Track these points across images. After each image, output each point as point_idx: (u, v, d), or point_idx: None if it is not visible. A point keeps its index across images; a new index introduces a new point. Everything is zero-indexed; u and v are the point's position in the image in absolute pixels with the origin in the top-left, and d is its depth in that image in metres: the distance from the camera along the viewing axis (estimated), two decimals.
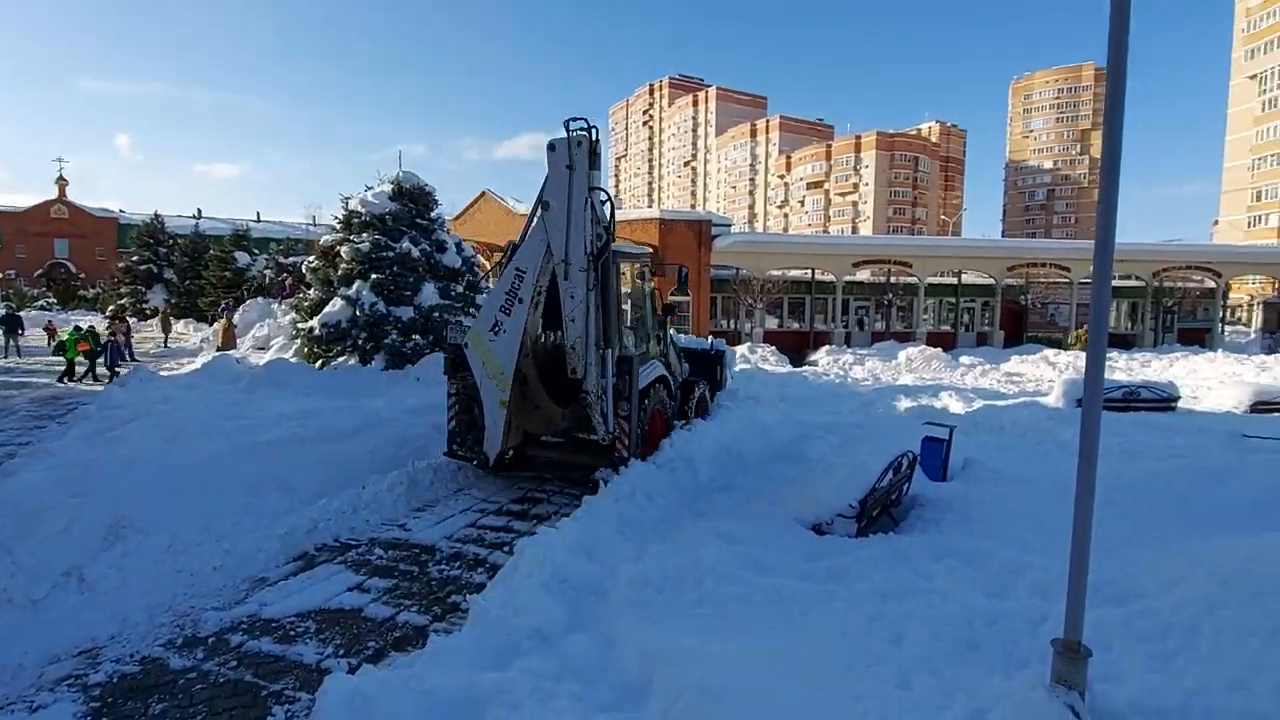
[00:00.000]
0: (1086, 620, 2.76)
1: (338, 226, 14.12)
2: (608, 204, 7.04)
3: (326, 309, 13.05)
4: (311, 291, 14.19)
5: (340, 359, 12.99)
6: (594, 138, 6.69)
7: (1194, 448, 7.70)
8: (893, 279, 31.21)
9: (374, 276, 12.85)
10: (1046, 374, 19.33)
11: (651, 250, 8.44)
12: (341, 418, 8.98)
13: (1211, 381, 15.75)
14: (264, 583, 4.99)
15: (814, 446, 8.08)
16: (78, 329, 15.90)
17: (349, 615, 4.47)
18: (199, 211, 49.10)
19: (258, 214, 49.18)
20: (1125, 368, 20.56)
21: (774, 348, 23.69)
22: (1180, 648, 2.92)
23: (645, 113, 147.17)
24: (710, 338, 11.79)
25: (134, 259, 33.11)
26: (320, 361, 13.10)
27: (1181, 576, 3.43)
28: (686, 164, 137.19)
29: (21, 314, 22.22)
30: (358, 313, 12.66)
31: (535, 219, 7.00)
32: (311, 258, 15.13)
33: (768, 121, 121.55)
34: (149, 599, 4.58)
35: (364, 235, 13.33)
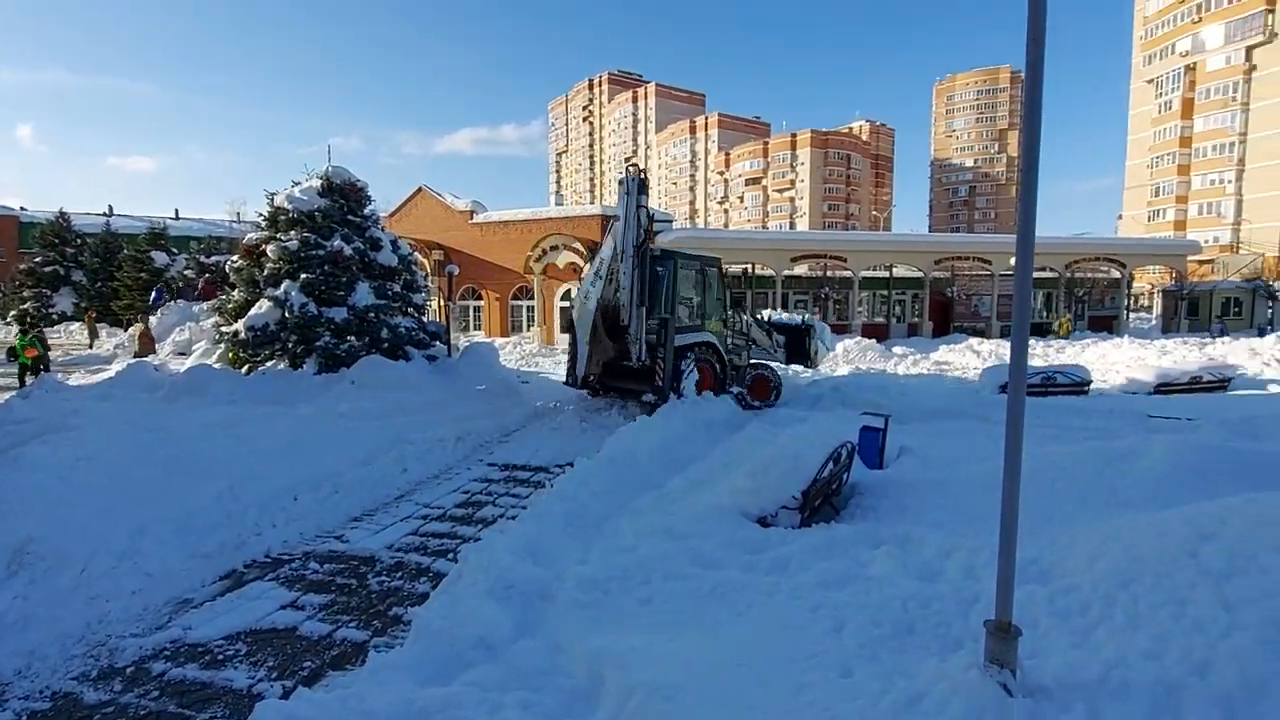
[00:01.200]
0: (1014, 599, 2.90)
1: (263, 224, 13.45)
2: (651, 218, 10.98)
3: (252, 311, 12.42)
4: (235, 292, 13.48)
5: (269, 363, 12.41)
6: (644, 175, 11.00)
7: (1106, 429, 8.23)
8: (829, 273, 32.11)
9: (303, 276, 12.29)
10: (972, 361, 20.27)
11: (719, 257, 13.39)
12: (270, 425, 8.57)
13: (1119, 365, 16.85)
14: (188, 605, 4.71)
15: (757, 439, 8.20)
16: (24, 333, 14.80)
17: (283, 635, 4.26)
18: (110, 208, 45.86)
19: (176, 211, 46.27)
20: (1042, 354, 21.77)
21: None
22: (1099, 622, 3.09)
23: (585, 109, 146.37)
24: (804, 316, 15.30)
25: (37, 260, 30.68)
26: (246, 366, 12.47)
27: (1099, 554, 3.64)
28: (628, 160, 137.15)
29: None
30: (286, 314, 12.10)
31: (610, 226, 11.31)
32: (235, 257, 14.37)
33: (706, 119, 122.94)
34: (59, 629, 4.24)
35: (292, 233, 12.74)
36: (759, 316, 14.09)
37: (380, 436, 8.82)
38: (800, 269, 32.66)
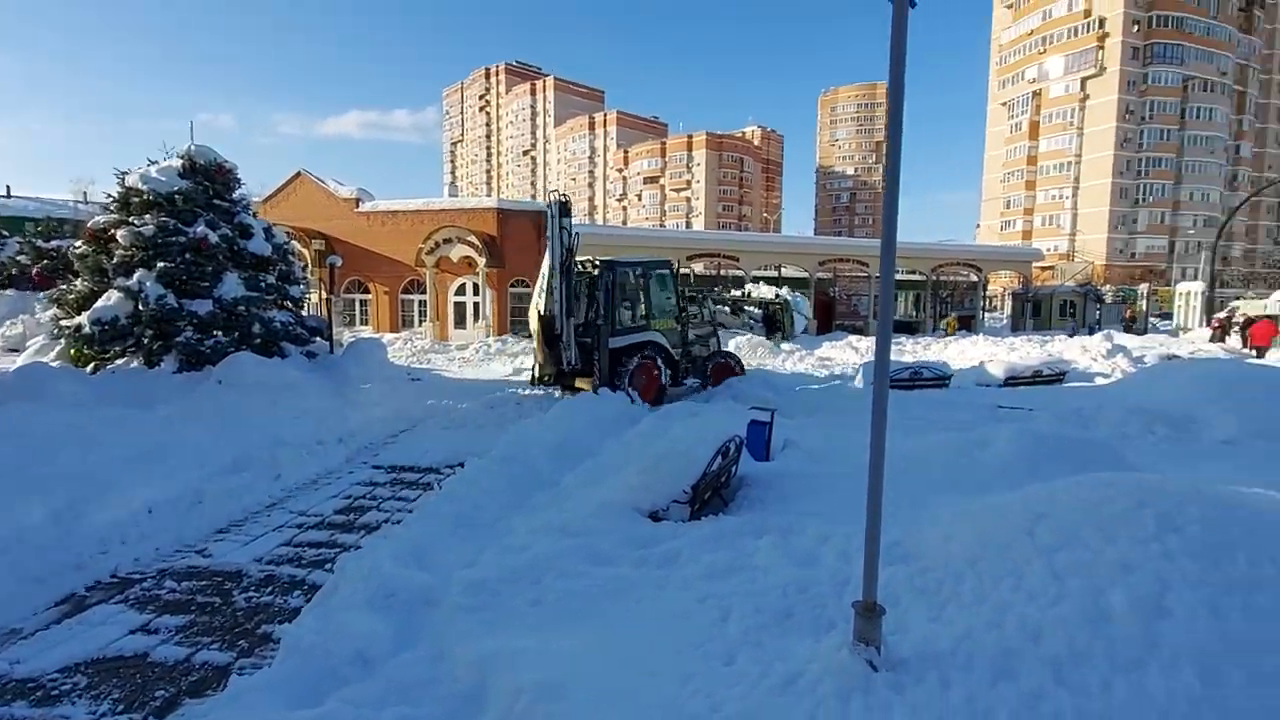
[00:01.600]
0: (879, 580, 3.13)
1: (113, 206, 12.06)
2: (575, 236, 12.14)
3: (99, 303, 11.11)
4: (79, 282, 12.00)
5: (119, 361, 11.16)
6: (565, 199, 12.07)
7: (962, 420, 9.05)
8: (722, 271, 33.16)
9: (160, 265, 11.13)
10: (852, 358, 21.63)
11: (670, 260, 14.12)
12: (121, 430, 7.72)
13: (976, 360, 18.57)
14: (16, 636, 4.15)
15: (650, 434, 8.34)
16: None
17: (132, 663, 3.86)
18: None
19: (7, 188, 40.30)
20: (911, 351, 23.59)
21: None
22: (950, 598, 3.40)
23: (482, 98, 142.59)
24: (778, 291, 16.34)
25: None
26: (92, 365, 11.16)
27: (952, 535, 4.00)
28: (525, 153, 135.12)
29: None
30: (140, 307, 10.91)
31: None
32: (79, 242, 12.78)
33: (605, 116, 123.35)
34: None
35: (147, 217, 11.51)
36: (739, 293, 15.82)
37: (251, 440, 8.17)
38: (696, 267, 33.51)
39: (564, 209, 11.90)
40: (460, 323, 28.02)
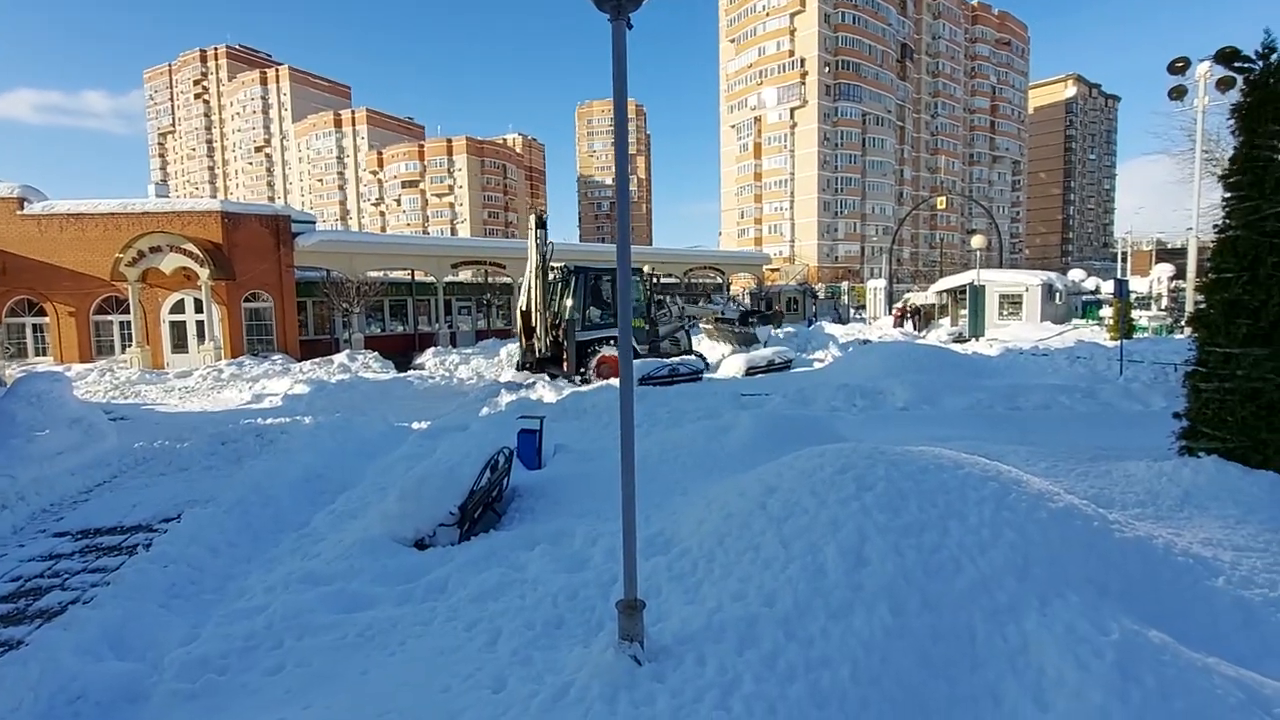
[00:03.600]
0: (641, 572, 3.28)
1: None
2: (551, 245, 15.05)
3: None
4: None
5: None
6: (542, 214, 15.11)
7: (712, 409, 9.99)
8: (490, 279, 32.60)
9: None
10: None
11: (641, 266, 18.63)
12: None
13: (724, 353, 20.67)
14: None
15: (414, 455, 7.87)
16: None
17: None
18: None
19: None
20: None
21: (377, 353, 22.49)
22: (704, 578, 3.70)
23: (198, 84, 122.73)
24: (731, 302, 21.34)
25: None
26: None
27: (704, 517, 4.36)
28: (259, 149, 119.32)
29: None
30: None
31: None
32: None
33: (354, 113, 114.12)
34: None
35: None
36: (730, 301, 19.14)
37: None
38: (464, 275, 32.48)
39: (540, 221, 14.72)
40: (181, 346, 23.71)
